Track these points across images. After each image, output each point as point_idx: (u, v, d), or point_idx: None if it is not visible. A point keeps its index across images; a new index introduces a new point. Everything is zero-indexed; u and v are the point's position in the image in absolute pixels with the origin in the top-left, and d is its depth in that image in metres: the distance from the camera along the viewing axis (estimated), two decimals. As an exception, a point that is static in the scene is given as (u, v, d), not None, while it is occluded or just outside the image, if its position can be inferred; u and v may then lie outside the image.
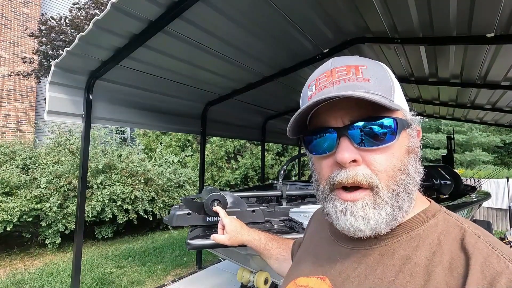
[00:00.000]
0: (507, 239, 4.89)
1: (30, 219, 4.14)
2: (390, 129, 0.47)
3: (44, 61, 7.49)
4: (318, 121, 0.52)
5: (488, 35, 2.29)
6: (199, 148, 4.18)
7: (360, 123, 0.47)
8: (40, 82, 8.11)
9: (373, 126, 0.47)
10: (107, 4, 1.77)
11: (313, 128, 0.54)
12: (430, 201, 0.54)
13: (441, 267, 0.42)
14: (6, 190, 4.08)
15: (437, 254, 0.44)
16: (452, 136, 5.19)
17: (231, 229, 0.98)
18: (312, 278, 0.55)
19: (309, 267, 0.59)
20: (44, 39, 7.40)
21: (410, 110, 0.53)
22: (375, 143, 0.47)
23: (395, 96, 0.49)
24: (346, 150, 0.47)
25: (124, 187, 4.98)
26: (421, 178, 0.50)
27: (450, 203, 2.37)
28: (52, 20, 7.48)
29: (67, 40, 7.14)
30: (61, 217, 4.39)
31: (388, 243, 0.49)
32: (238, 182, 8.14)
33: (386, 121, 0.47)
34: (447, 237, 0.45)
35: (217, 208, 1.13)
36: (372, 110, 0.47)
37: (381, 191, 0.46)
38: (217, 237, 1.00)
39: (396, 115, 0.48)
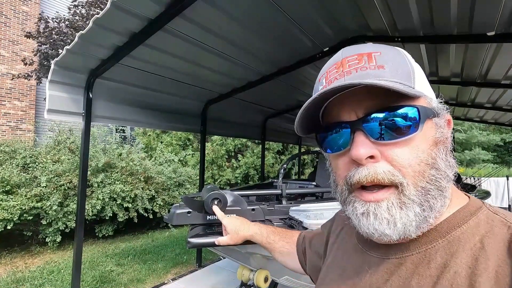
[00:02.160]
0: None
1: (31, 218, 4.15)
2: (411, 118, 0.41)
3: (44, 61, 7.48)
4: (330, 116, 0.47)
5: (488, 34, 2.29)
6: (199, 147, 4.18)
7: (377, 115, 0.42)
8: (41, 83, 8.11)
9: (391, 117, 0.41)
10: (107, 3, 1.77)
11: (325, 124, 0.49)
12: (469, 197, 0.47)
13: (486, 275, 0.36)
14: (6, 189, 4.08)
15: (480, 261, 0.38)
16: (452, 135, 5.19)
17: (230, 228, 0.98)
18: None
19: (337, 281, 0.53)
20: (42, 39, 7.38)
21: (437, 96, 0.47)
22: (395, 135, 0.41)
23: (416, 82, 0.43)
24: (361, 146, 0.41)
25: (124, 186, 4.98)
26: (455, 173, 0.44)
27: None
28: (51, 21, 7.46)
29: (68, 41, 7.13)
30: (61, 216, 4.39)
31: (422, 249, 0.43)
32: (239, 181, 8.15)
33: (406, 110, 0.41)
34: (492, 239, 0.39)
35: (215, 209, 1.13)
36: (389, 100, 0.41)
37: (407, 189, 0.41)
38: (221, 240, 1.01)
39: (419, 103, 0.42)
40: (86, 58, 2.37)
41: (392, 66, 0.43)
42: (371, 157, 0.42)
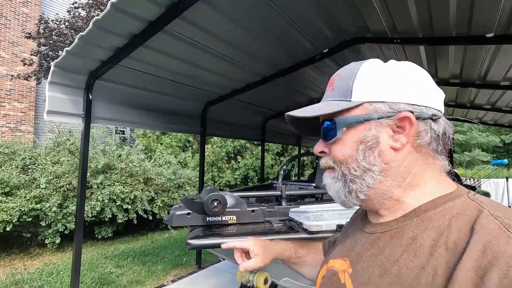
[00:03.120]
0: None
1: (30, 219, 4.14)
2: (329, 128, 0.58)
3: (44, 62, 7.48)
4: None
5: (487, 35, 2.29)
6: (199, 149, 4.18)
7: (323, 125, 0.60)
8: (40, 83, 8.11)
9: (324, 127, 0.59)
10: (107, 4, 1.77)
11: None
12: (457, 186, 0.54)
13: (445, 247, 0.44)
14: (5, 190, 4.08)
15: (443, 235, 0.45)
16: (452, 136, 5.19)
17: (258, 249, 0.84)
18: (338, 260, 0.63)
19: (339, 251, 0.67)
20: (42, 40, 7.39)
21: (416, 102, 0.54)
22: (327, 139, 0.58)
23: (355, 95, 0.55)
24: (317, 145, 0.62)
25: (123, 187, 4.98)
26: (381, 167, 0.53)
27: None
28: (52, 23, 7.47)
29: (68, 41, 7.14)
30: (60, 217, 4.38)
31: (400, 226, 0.53)
32: (238, 182, 8.14)
33: (327, 123, 0.58)
34: (460, 219, 0.46)
35: (231, 244, 0.93)
36: (329, 114, 0.57)
37: (336, 171, 0.58)
38: (249, 264, 0.84)
39: (352, 113, 0.55)
40: (86, 60, 2.37)
41: (337, 87, 0.59)
42: (322, 152, 0.61)
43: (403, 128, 0.52)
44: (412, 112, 0.52)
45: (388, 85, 0.54)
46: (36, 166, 4.70)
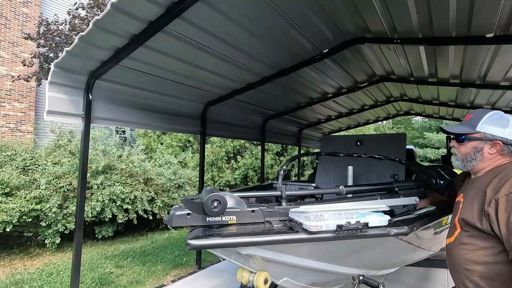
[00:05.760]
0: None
1: (30, 220, 4.14)
2: (462, 138, 1.36)
3: (44, 63, 7.48)
4: None
5: (487, 35, 2.30)
6: (199, 149, 4.18)
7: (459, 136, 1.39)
8: (41, 84, 8.11)
9: (459, 138, 1.38)
10: (107, 4, 1.77)
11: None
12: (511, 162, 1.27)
13: (492, 185, 1.15)
14: (6, 191, 4.08)
15: (494, 180, 1.16)
16: (452, 136, 5.19)
17: None
18: (459, 196, 1.39)
19: (459, 191, 1.44)
20: (42, 41, 7.39)
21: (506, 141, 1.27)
22: (459, 142, 1.39)
23: (480, 127, 1.30)
24: (452, 142, 1.44)
25: (123, 187, 4.98)
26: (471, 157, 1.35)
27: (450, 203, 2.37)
28: (52, 24, 7.47)
29: (69, 42, 7.14)
30: (60, 218, 4.38)
31: (483, 177, 1.29)
32: (238, 182, 8.14)
33: (462, 136, 1.37)
34: (508, 172, 1.16)
35: None
36: (463, 133, 1.37)
37: (458, 157, 1.40)
38: None
39: (473, 135, 1.32)
40: (86, 60, 2.37)
41: (470, 121, 1.35)
42: (453, 146, 1.43)
43: (495, 146, 1.27)
44: (502, 141, 1.26)
45: (492, 127, 1.28)
46: (37, 167, 4.70)
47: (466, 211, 1.21)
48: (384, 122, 20.62)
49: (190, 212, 1.34)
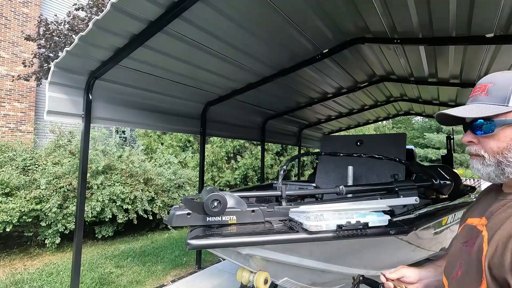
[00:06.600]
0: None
1: (30, 220, 4.14)
2: (488, 125, 0.72)
3: (44, 63, 7.48)
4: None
5: (487, 35, 2.30)
6: (199, 149, 4.18)
7: (475, 122, 0.76)
8: (40, 84, 8.11)
9: (475, 124, 0.75)
10: (106, 4, 1.77)
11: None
12: None
13: None
14: (6, 191, 4.08)
15: None
16: (452, 136, 5.19)
17: (414, 278, 0.97)
18: (475, 218, 0.82)
19: (475, 213, 0.85)
20: (42, 41, 7.39)
21: None
22: (483, 133, 0.74)
23: None
24: (465, 136, 0.79)
25: (123, 187, 4.98)
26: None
27: (450, 203, 2.37)
28: (52, 24, 7.47)
29: (69, 42, 7.14)
30: (60, 218, 4.38)
31: None
32: (238, 182, 8.14)
33: (479, 121, 0.74)
34: None
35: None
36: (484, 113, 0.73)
37: (486, 159, 0.74)
38: None
39: (506, 117, 0.70)
40: (86, 60, 2.37)
41: (494, 93, 0.73)
42: (470, 142, 0.78)
43: None
44: None
45: None
46: (37, 167, 4.69)
47: (496, 254, 0.66)
48: (384, 122, 20.62)
49: (190, 212, 1.34)
